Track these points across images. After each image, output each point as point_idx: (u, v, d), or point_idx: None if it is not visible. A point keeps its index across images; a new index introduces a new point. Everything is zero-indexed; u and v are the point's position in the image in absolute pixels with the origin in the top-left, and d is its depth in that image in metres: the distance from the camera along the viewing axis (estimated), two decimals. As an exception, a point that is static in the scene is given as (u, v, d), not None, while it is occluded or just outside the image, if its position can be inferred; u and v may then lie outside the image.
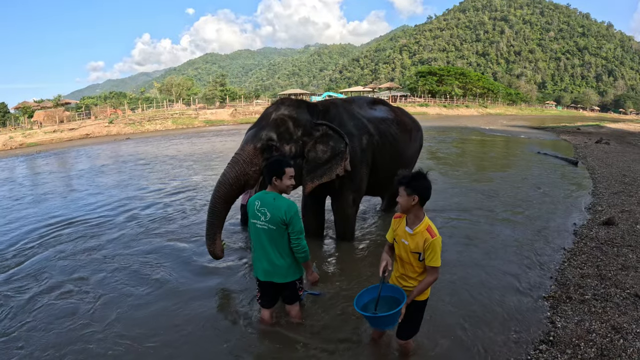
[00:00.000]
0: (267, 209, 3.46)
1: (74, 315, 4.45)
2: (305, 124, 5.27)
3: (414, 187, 2.99)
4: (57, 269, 5.75)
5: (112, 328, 4.14)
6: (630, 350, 3.60)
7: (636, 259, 5.64)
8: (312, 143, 5.26)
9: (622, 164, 14.13)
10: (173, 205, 9.12)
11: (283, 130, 5.07)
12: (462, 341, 3.83)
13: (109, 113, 39.56)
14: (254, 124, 5.28)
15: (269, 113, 5.21)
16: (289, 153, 5.11)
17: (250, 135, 5.04)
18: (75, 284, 5.24)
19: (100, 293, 4.94)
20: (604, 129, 36.54)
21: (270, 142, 4.95)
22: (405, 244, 3.09)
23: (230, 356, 3.66)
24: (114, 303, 4.69)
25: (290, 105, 5.32)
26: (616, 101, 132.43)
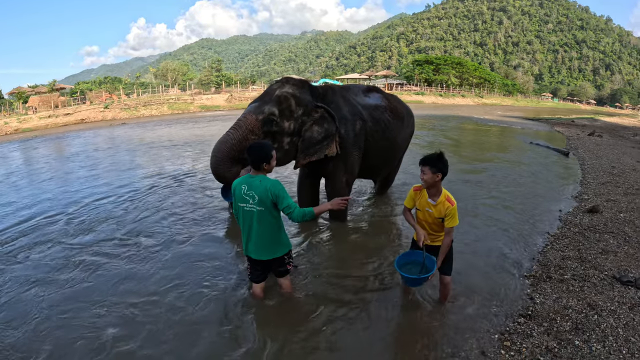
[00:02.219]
0: (255, 192, 3.58)
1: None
2: (307, 104, 5.54)
3: (438, 166, 3.58)
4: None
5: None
6: (604, 325, 3.84)
7: (617, 244, 5.88)
8: (310, 123, 5.55)
9: (613, 156, 14.33)
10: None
11: (285, 107, 5.34)
12: (446, 314, 4.06)
13: (104, 98, 39.26)
14: (257, 98, 5.50)
15: (274, 89, 5.45)
16: (287, 130, 5.41)
17: (253, 107, 5.28)
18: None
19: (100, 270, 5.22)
20: (598, 122, 36.71)
21: (272, 116, 5.22)
22: (429, 212, 3.74)
23: (226, 332, 3.82)
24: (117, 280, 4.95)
25: (294, 84, 5.59)
26: (613, 95, 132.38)
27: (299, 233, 6.26)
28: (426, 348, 3.62)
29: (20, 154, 16.21)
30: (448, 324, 3.91)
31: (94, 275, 4.91)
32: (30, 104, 34.55)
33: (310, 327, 3.87)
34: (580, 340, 3.61)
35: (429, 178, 3.60)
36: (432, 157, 3.62)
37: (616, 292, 4.50)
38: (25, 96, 41.18)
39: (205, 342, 3.64)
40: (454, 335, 3.74)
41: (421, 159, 3.64)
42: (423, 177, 3.64)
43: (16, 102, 39.30)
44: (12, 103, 39.89)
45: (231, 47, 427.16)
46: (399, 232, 6.57)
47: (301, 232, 6.29)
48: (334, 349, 3.59)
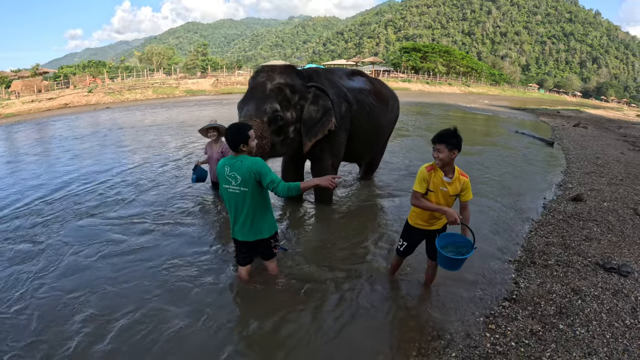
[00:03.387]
0: (237, 173, 3.54)
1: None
2: (301, 89, 5.47)
3: (454, 143, 3.40)
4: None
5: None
6: (587, 310, 3.88)
7: (600, 232, 5.93)
8: (307, 105, 5.48)
9: (597, 147, 14.45)
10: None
11: (282, 99, 5.24)
12: (432, 297, 4.07)
13: (88, 82, 38.54)
14: (247, 97, 5.32)
15: (262, 83, 5.27)
16: (291, 119, 5.35)
17: (252, 109, 5.10)
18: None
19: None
20: (583, 114, 37.04)
21: (276, 113, 5.13)
22: (444, 191, 3.56)
23: (211, 316, 3.78)
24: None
25: (282, 72, 5.44)
26: (598, 88, 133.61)
27: (285, 216, 6.25)
28: (412, 330, 3.62)
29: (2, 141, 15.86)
30: (434, 307, 3.91)
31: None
32: (13, 89, 33.80)
33: (294, 310, 3.86)
34: (565, 325, 3.64)
35: (446, 156, 3.42)
36: (448, 133, 3.44)
37: (599, 278, 4.54)
38: (8, 81, 40.28)
39: (186, 326, 3.59)
40: (439, 318, 3.75)
41: (436, 137, 3.45)
42: (439, 156, 3.43)
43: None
44: (-5, 88, 39.00)
45: (217, 31, 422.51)
46: (384, 215, 6.61)
47: (286, 215, 6.29)
48: (318, 331, 3.57)
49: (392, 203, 7.10)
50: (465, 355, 3.25)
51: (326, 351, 3.34)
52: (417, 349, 3.35)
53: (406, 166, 9.62)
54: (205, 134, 6.63)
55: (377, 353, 3.32)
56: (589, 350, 3.32)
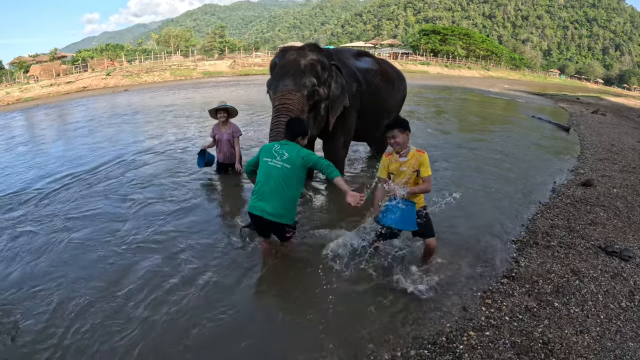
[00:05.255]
0: (286, 151, 3.73)
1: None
2: (329, 67, 5.56)
3: (405, 125, 3.76)
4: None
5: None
6: (584, 290, 3.97)
7: (606, 217, 5.97)
8: (332, 82, 5.58)
9: (614, 134, 14.30)
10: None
11: (315, 74, 5.32)
12: (431, 273, 4.16)
13: (106, 65, 38.96)
14: (279, 74, 5.34)
15: (295, 60, 5.32)
16: (323, 95, 5.45)
17: (290, 84, 5.14)
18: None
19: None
20: (604, 101, 36.39)
21: (314, 87, 5.23)
22: (403, 170, 3.82)
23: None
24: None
25: (313, 50, 5.55)
26: (621, 76, 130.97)
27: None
28: (410, 301, 3.73)
29: (23, 123, 16.20)
30: (433, 282, 4.00)
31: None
32: (32, 73, 34.39)
33: (291, 284, 4.10)
34: (560, 303, 3.73)
35: (402, 139, 3.75)
36: (397, 120, 3.78)
37: (600, 261, 4.62)
38: (27, 66, 40.99)
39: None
40: (437, 292, 3.86)
41: (387, 125, 3.75)
42: (396, 141, 3.75)
43: (17, 71, 39.06)
44: (14, 73, 39.61)
45: (235, 13, 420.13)
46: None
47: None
48: (316, 305, 3.73)
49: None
50: (459, 326, 3.37)
51: (334, 319, 3.51)
52: (413, 318, 3.49)
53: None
54: (215, 115, 6.70)
55: (374, 321, 3.46)
56: (581, 329, 3.42)
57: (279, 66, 5.42)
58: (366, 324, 3.44)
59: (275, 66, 5.55)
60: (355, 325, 3.43)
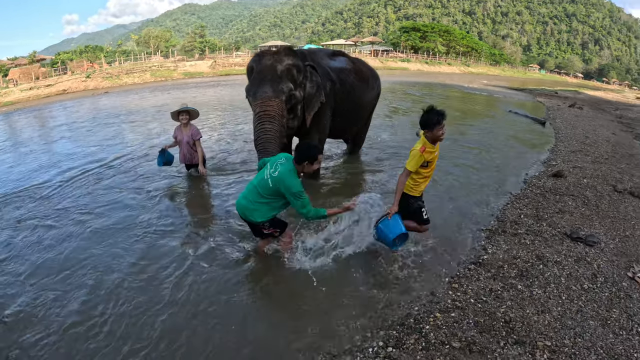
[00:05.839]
0: (280, 170, 3.79)
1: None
2: (304, 69, 5.73)
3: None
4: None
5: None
6: (548, 274, 4.18)
7: (574, 205, 6.21)
8: (307, 83, 5.76)
9: (589, 127, 14.61)
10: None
11: (292, 79, 5.49)
12: (402, 260, 4.39)
13: (85, 67, 38.39)
14: (257, 80, 5.48)
15: (272, 65, 5.46)
16: (300, 98, 5.64)
17: (269, 91, 5.30)
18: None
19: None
20: (581, 95, 36.90)
21: (292, 92, 5.42)
22: (436, 155, 4.11)
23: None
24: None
25: (288, 54, 5.67)
26: (600, 70, 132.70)
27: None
28: (380, 290, 3.92)
29: (4, 127, 16.04)
30: (404, 268, 4.22)
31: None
32: (11, 77, 33.81)
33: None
34: (523, 285, 3.94)
35: (444, 132, 3.94)
36: (443, 112, 3.89)
37: (565, 246, 4.84)
38: (5, 69, 40.22)
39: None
40: (406, 279, 4.07)
41: (439, 118, 3.83)
42: (443, 132, 3.92)
43: (-5, 76, 38.35)
44: (-9, 77, 38.92)
45: (215, 12, 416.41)
46: (371, 187, 6.87)
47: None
48: (295, 295, 3.98)
49: (374, 177, 7.41)
50: (426, 309, 3.57)
51: (311, 307, 3.72)
52: (384, 304, 3.68)
53: (399, 142, 9.95)
54: (177, 118, 6.74)
55: (348, 308, 3.65)
56: (542, 309, 3.62)
57: (257, 71, 5.56)
58: (340, 311, 3.62)
59: (252, 71, 5.69)
60: (330, 312, 3.62)
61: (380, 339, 3.23)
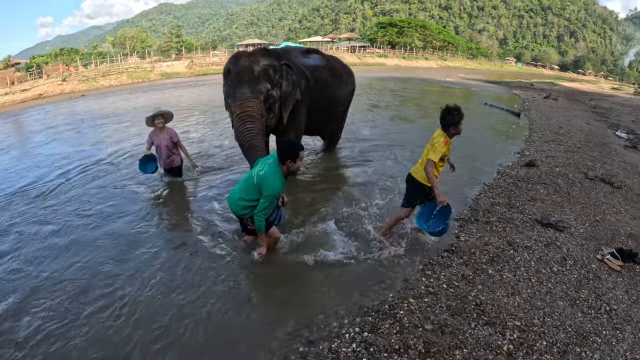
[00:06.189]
0: (265, 169, 3.90)
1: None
2: (280, 68, 5.82)
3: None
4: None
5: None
6: (518, 258, 4.34)
7: (546, 193, 6.41)
8: (283, 82, 5.85)
9: (563, 118, 14.94)
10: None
11: (269, 79, 5.60)
12: (380, 252, 4.50)
13: (61, 71, 37.58)
14: (235, 81, 5.56)
15: (249, 66, 5.55)
16: (277, 97, 5.74)
17: (247, 92, 5.41)
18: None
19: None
20: (557, 86, 37.51)
21: (269, 92, 5.52)
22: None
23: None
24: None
25: (264, 55, 5.77)
26: (576, 62, 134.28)
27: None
28: (357, 279, 4.05)
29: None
30: (381, 259, 4.36)
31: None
32: (-15, 83, 33.10)
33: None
34: (494, 270, 4.10)
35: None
36: (460, 109, 4.30)
37: (535, 232, 5.02)
38: (-21, 75, 39.35)
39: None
40: (382, 268, 4.21)
41: (460, 117, 4.24)
42: (461, 128, 4.33)
43: (-31, 81, 37.43)
44: (-35, 83, 37.97)
45: (191, 11, 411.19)
46: (346, 183, 6.99)
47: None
48: (276, 286, 4.10)
49: (353, 172, 7.53)
50: (401, 295, 3.69)
51: (290, 297, 3.86)
52: (360, 292, 3.80)
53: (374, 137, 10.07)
54: (152, 123, 6.54)
55: (325, 297, 3.78)
56: (512, 291, 3.77)
57: (234, 73, 5.65)
58: (319, 300, 3.75)
59: (229, 73, 5.78)
60: (309, 302, 3.76)
61: (356, 325, 3.35)
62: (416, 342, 3.08)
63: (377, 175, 7.23)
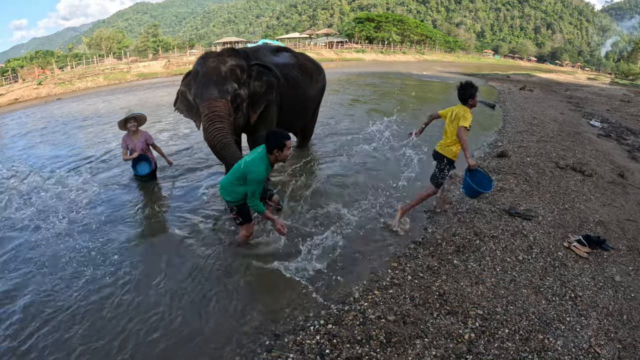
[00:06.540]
0: (252, 158, 3.99)
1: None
2: (247, 68, 5.83)
3: None
4: None
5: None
6: (483, 248, 4.41)
7: (515, 183, 6.50)
8: (251, 82, 5.85)
9: (537, 108, 15.06)
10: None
11: (236, 79, 5.59)
12: (351, 246, 4.54)
13: (37, 74, 37.01)
14: (203, 81, 5.56)
15: (216, 67, 5.55)
16: (244, 97, 5.72)
17: (215, 92, 5.40)
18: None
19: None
20: (533, 77, 37.75)
21: (236, 91, 5.51)
22: None
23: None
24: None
25: (231, 55, 5.76)
26: (553, 53, 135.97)
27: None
28: (323, 272, 4.06)
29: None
30: (354, 252, 4.41)
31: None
32: (-41, 89, 32.35)
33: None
34: (459, 260, 4.16)
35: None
36: (473, 83, 4.95)
37: (503, 222, 5.09)
38: (-48, 81, 38.45)
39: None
40: (351, 261, 4.25)
41: (476, 88, 4.93)
42: (477, 100, 4.99)
43: (-57, 88, 36.56)
44: (-62, 90, 37.08)
45: (168, 10, 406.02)
46: (321, 176, 7.05)
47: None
48: (241, 281, 4.11)
49: (329, 166, 7.63)
50: (366, 287, 3.75)
51: (255, 292, 3.87)
52: (326, 285, 3.84)
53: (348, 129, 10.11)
54: (124, 127, 6.48)
55: (292, 291, 3.81)
56: (476, 281, 3.84)
57: (202, 74, 5.63)
58: (286, 295, 3.77)
59: (197, 74, 5.76)
60: (276, 296, 3.77)
61: (322, 317, 3.39)
62: (378, 332, 3.13)
63: (355, 167, 7.38)
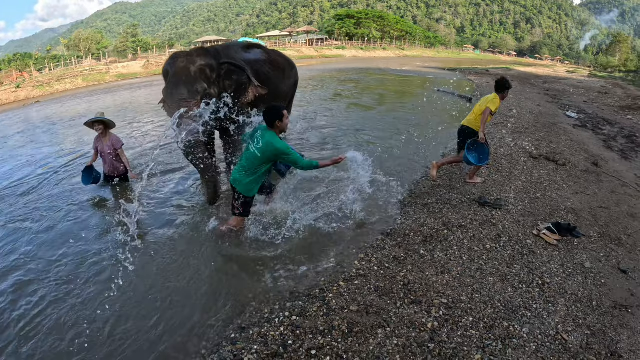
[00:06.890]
0: (262, 138, 4.03)
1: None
2: (217, 67, 5.81)
3: None
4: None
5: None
6: (451, 238, 4.44)
7: (487, 173, 6.56)
8: (221, 80, 5.84)
9: (514, 101, 15.16)
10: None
11: (205, 78, 5.59)
12: (317, 238, 4.57)
13: (14, 77, 36.42)
14: (173, 82, 5.55)
15: (185, 67, 5.56)
16: (215, 94, 5.69)
17: (185, 92, 5.41)
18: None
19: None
20: (512, 71, 38.02)
21: (206, 91, 5.50)
22: None
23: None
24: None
25: (200, 55, 5.76)
26: (533, 47, 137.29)
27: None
28: (290, 265, 4.08)
29: None
30: (315, 246, 4.41)
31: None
32: None
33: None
34: (425, 250, 4.19)
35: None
36: (508, 80, 5.95)
37: (472, 211, 5.13)
38: None
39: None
40: (318, 254, 4.24)
41: (511, 84, 6.00)
42: (508, 94, 5.99)
43: None
44: None
45: (147, 9, 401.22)
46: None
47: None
48: (212, 273, 4.09)
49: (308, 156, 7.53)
50: (332, 279, 3.76)
51: (225, 284, 3.86)
52: (292, 278, 3.84)
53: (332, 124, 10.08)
54: (92, 128, 6.44)
55: (258, 283, 3.83)
56: (442, 270, 3.86)
57: (172, 74, 5.64)
58: (251, 286, 3.79)
59: (167, 74, 5.76)
60: (243, 289, 3.77)
61: (287, 309, 3.39)
62: (340, 323, 3.14)
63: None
